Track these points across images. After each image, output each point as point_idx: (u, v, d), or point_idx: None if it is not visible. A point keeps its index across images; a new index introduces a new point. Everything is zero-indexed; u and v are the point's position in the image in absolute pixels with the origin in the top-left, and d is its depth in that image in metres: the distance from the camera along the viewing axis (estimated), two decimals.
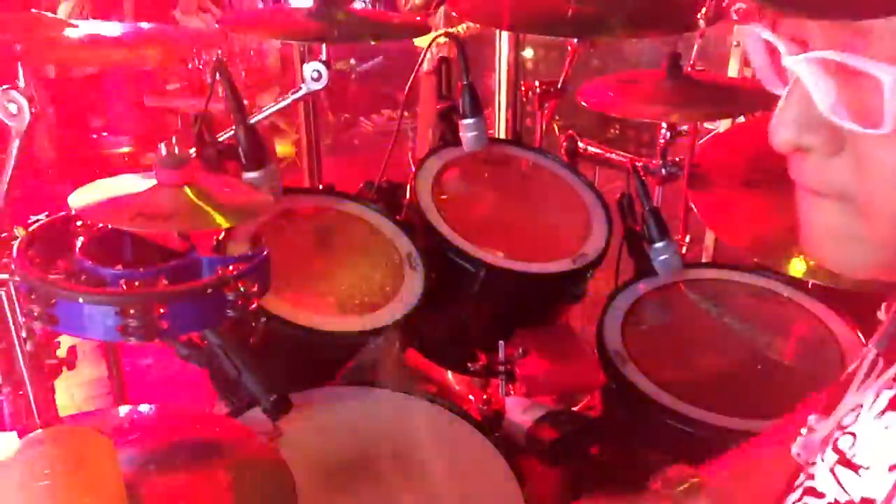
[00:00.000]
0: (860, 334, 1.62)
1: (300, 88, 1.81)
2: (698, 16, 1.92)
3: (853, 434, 0.73)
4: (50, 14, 1.76)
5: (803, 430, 0.82)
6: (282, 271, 1.51)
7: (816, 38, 0.58)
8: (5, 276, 1.16)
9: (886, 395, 0.71)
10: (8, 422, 1.34)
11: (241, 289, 1.16)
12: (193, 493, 1.10)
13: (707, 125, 2.69)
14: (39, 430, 1.09)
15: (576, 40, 2.33)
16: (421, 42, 3.67)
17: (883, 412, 0.70)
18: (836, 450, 0.73)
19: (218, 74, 1.60)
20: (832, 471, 0.73)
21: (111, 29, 1.86)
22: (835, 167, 0.60)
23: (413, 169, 1.89)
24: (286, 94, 1.86)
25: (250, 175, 1.60)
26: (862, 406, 0.73)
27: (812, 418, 0.82)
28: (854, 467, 0.70)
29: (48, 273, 1.13)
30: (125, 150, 5.65)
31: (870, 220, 0.60)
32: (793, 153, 0.63)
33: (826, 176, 0.61)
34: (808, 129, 0.60)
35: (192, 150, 1.61)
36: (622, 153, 2.38)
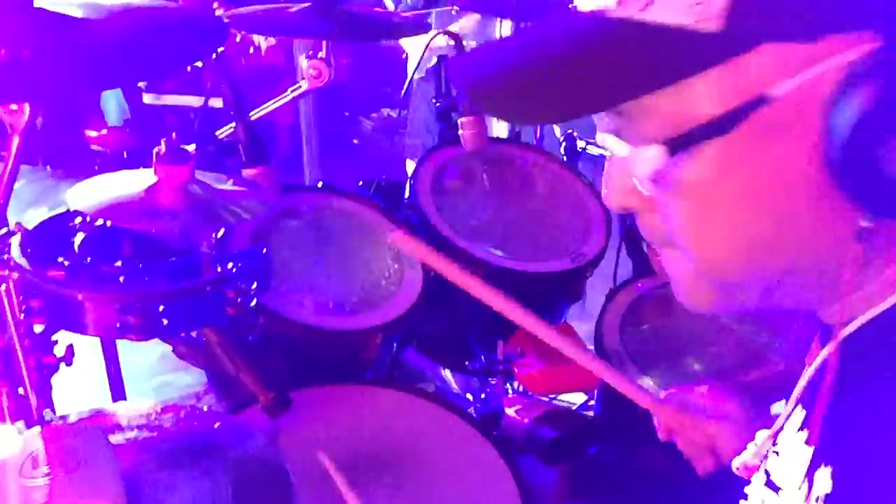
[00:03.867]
0: None
1: (300, 86, 1.81)
2: None
3: (777, 452, 0.72)
4: None
5: (751, 445, 0.77)
6: (281, 269, 1.51)
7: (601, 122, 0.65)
8: (4, 273, 1.15)
9: (799, 414, 0.70)
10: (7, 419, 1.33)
11: (241, 287, 1.16)
12: (192, 491, 1.10)
13: None
14: (37, 428, 1.08)
15: None
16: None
17: (800, 428, 0.69)
18: (766, 469, 0.72)
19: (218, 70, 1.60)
20: (760, 491, 0.72)
21: None
22: (655, 222, 0.65)
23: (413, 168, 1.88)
24: (286, 91, 1.86)
25: (250, 172, 1.59)
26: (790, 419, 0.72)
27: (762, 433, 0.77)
28: (775, 488, 0.69)
29: (48, 270, 1.13)
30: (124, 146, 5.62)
31: (691, 261, 0.65)
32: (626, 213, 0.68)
33: (653, 230, 0.67)
34: (629, 194, 0.65)
35: (192, 147, 1.60)
36: None
